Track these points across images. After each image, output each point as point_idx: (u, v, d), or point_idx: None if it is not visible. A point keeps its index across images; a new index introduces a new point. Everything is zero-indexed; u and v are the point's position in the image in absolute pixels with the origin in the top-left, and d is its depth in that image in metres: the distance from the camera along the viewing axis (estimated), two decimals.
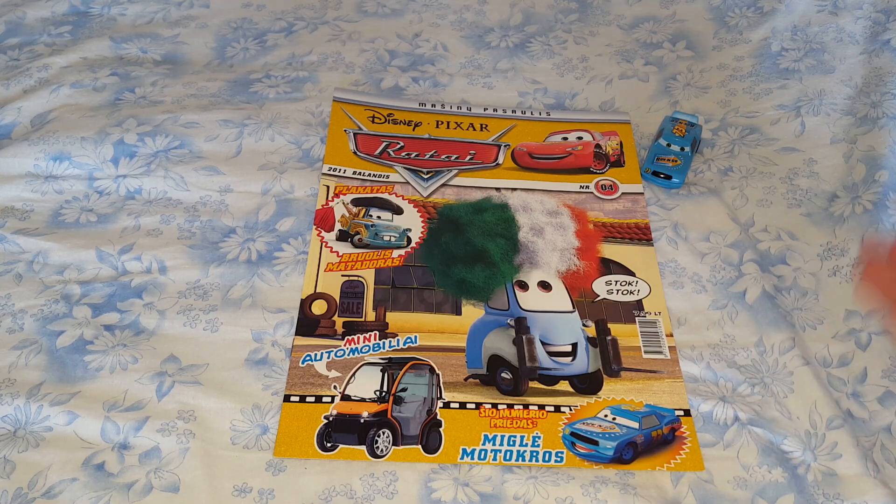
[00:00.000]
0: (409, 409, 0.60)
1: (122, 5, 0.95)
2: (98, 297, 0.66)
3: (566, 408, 0.61)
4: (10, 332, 0.63)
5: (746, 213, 0.75)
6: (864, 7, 0.89)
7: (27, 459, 0.56)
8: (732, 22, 0.94)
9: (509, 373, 0.63)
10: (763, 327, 0.66)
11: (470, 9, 0.97)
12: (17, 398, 0.59)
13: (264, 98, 0.84)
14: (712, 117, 0.84)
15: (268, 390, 0.61)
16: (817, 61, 0.87)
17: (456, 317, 0.67)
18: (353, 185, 0.76)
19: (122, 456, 0.57)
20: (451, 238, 0.71)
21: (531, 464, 0.58)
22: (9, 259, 0.69)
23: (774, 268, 0.71)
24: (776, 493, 0.57)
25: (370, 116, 0.83)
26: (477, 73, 0.89)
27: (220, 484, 0.56)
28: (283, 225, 0.72)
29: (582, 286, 0.69)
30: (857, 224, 0.71)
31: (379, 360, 0.63)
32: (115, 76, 0.85)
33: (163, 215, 0.72)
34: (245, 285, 0.67)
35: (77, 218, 0.72)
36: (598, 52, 0.92)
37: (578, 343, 0.65)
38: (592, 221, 0.74)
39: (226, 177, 0.76)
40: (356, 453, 0.58)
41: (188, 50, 0.91)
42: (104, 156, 0.76)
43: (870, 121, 0.79)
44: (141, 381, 0.61)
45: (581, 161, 0.80)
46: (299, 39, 0.92)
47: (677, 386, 0.63)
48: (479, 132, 0.82)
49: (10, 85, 0.84)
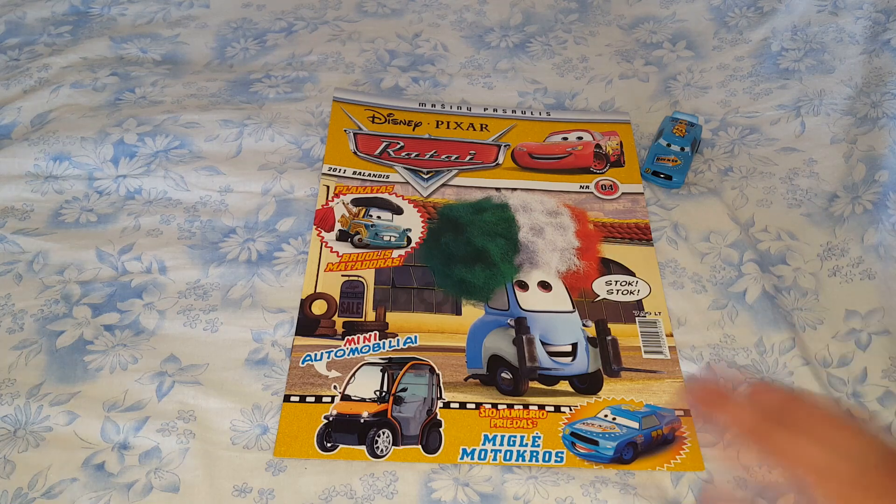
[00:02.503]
0: (409, 409, 0.60)
1: (122, 5, 0.95)
2: (98, 297, 0.66)
3: (566, 408, 0.61)
4: (10, 332, 0.63)
5: (746, 213, 0.75)
6: (864, 7, 0.89)
7: (27, 459, 0.56)
8: (732, 22, 0.94)
9: (509, 373, 0.63)
10: (763, 327, 0.66)
11: (470, 9, 0.97)
12: (17, 398, 0.59)
13: (264, 98, 0.84)
14: (712, 117, 0.84)
15: (268, 390, 0.61)
16: (817, 61, 0.87)
17: (456, 317, 0.67)
18: (353, 185, 0.76)
19: (122, 456, 0.57)
20: (451, 238, 0.71)
21: (531, 464, 0.58)
22: (9, 259, 0.69)
23: (774, 268, 0.71)
24: (776, 493, 0.57)
25: (370, 116, 0.83)
26: (477, 73, 0.89)
27: (220, 484, 0.56)
28: (283, 225, 0.72)
29: (582, 286, 0.69)
30: (857, 224, 0.71)
31: (379, 360, 0.63)
32: (115, 76, 0.85)
33: (163, 215, 0.72)
34: (245, 285, 0.67)
35: (77, 218, 0.72)
36: (598, 52, 0.92)
37: (578, 343, 0.65)
38: (592, 221, 0.74)
39: (226, 177, 0.76)
40: (356, 453, 0.58)
41: (188, 50, 0.91)
42: (104, 156, 0.76)
43: (870, 121, 0.79)
44: (141, 381, 0.61)
45: (581, 161, 0.80)
46: (299, 39, 0.92)
47: (677, 386, 0.63)
48: (479, 132, 0.82)
49: (10, 85, 0.84)
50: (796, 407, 0.45)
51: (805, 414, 0.45)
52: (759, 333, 0.66)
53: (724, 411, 0.48)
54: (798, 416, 0.45)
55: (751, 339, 0.65)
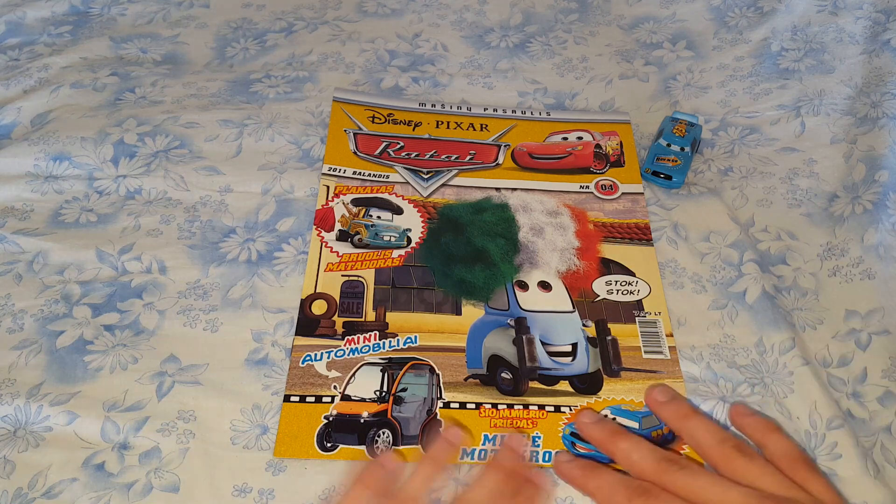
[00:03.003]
0: (409, 409, 0.60)
1: (122, 5, 0.95)
2: (98, 297, 0.66)
3: (566, 408, 0.61)
4: (10, 332, 0.63)
5: (746, 213, 0.75)
6: (864, 7, 0.89)
7: (27, 459, 0.56)
8: (732, 22, 0.94)
9: (509, 373, 0.63)
10: (763, 327, 0.66)
11: (470, 9, 0.97)
12: (17, 398, 0.59)
13: (264, 98, 0.84)
14: (712, 117, 0.84)
15: (268, 390, 0.61)
16: (817, 61, 0.87)
17: (456, 317, 0.67)
18: (353, 185, 0.76)
19: (122, 456, 0.57)
20: (451, 238, 0.71)
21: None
22: (9, 259, 0.69)
23: (774, 268, 0.71)
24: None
25: (370, 116, 0.83)
26: (477, 73, 0.89)
27: (220, 484, 0.56)
28: (283, 225, 0.72)
29: (582, 286, 0.69)
30: (857, 224, 0.71)
31: (379, 360, 0.63)
32: (115, 76, 0.85)
33: (163, 215, 0.72)
34: (245, 285, 0.68)
35: (77, 218, 0.72)
36: (598, 52, 0.92)
37: (578, 343, 0.65)
38: (592, 221, 0.74)
39: (226, 177, 0.76)
40: (356, 453, 0.58)
41: (188, 50, 0.91)
42: (104, 156, 0.76)
43: (870, 121, 0.79)
44: (141, 381, 0.61)
45: (581, 161, 0.80)
46: (299, 39, 0.92)
47: (677, 386, 0.63)
48: (479, 132, 0.82)
49: (10, 85, 0.84)
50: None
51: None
52: (759, 333, 0.66)
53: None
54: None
55: (751, 339, 0.65)
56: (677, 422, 0.52)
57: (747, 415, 0.52)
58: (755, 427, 0.51)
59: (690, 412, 0.51)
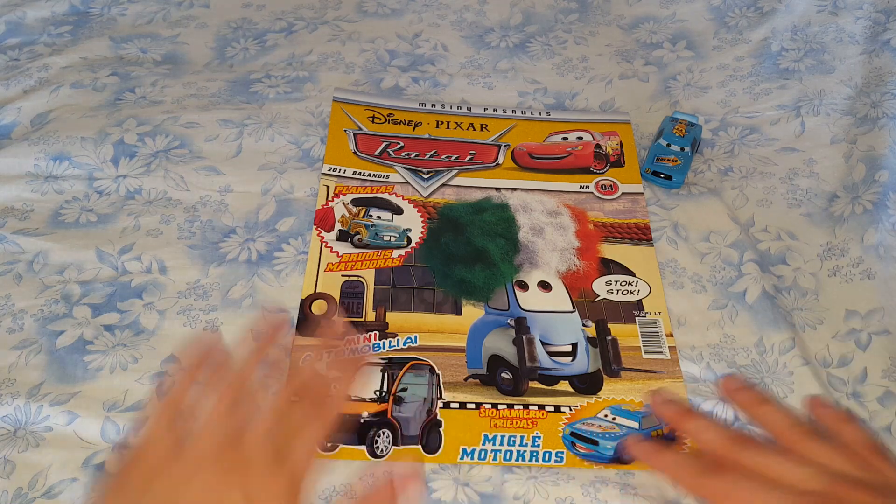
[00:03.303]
0: (409, 409, 0.60)
1: (122, 5, 0.95)
2: (98, 297, 0.66)
3: (566, 408, 0.61)
4: (10, 332, 0.63)
5: (746, 213, 0.75)
6: (864, 7, 0.89)
7: (27, 459, 0.56)
8: (732, 22, 0.94)
9: (509, 373, 0.63)
10: (763, 327, 0.66)
11: (470, 9, 0.97)
12: (17, 398, 0.59)
13: (264, 98, 0.84)
14: (712, 117, 0.84)
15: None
16: (817, 61, 0.87)
17: (456, 317, 0.67)
18: (353, 185, 0.76)
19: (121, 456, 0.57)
20: (451, 238, 0.71)
21: (531, 464, 0.58)
22: (9, 259, 0.69)
23: (774, 268, 0.71)
24: None
25: (370, 116, 0.83)
26: (477, 73, 0.89)
27: None
28: (283, 225, 0.72)
29: (582, 286, 0.69)
30: (857, 224, 0.71)
31: (379, 360, 0.63)
32: (115, 76, 0.85)
33: (163, 215, 0.72)
34: (245, 285, 0.68)
35: (77, 218, 0.72)
36: (598, 52, 0.92)
37: (578, 343, 0.65)
38: (592, 221, 0.74)
39: (226, 177, 0.76)
40: (356, 453, 0.58)
41: (188, 50, 0.91)
42: (104, 156, 0.76)
43: (870, 121, 0.79)
44: (141, 381, 0.61)
45: (581, 161, 0.80)
46: (299, 39, 0.92)
47: (677, 386, 0.63)
48: (479, 132, 0.82)
49: (10, 85, 0.84)
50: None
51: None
52: (759, 333, 0.66)
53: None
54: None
55: (751, 339, 0.65)
56: (752, 408, 0.51)
57: (824, 406, 0.52)
58: (832, 417, 0.50)
59: (762, 399, 0.51)
